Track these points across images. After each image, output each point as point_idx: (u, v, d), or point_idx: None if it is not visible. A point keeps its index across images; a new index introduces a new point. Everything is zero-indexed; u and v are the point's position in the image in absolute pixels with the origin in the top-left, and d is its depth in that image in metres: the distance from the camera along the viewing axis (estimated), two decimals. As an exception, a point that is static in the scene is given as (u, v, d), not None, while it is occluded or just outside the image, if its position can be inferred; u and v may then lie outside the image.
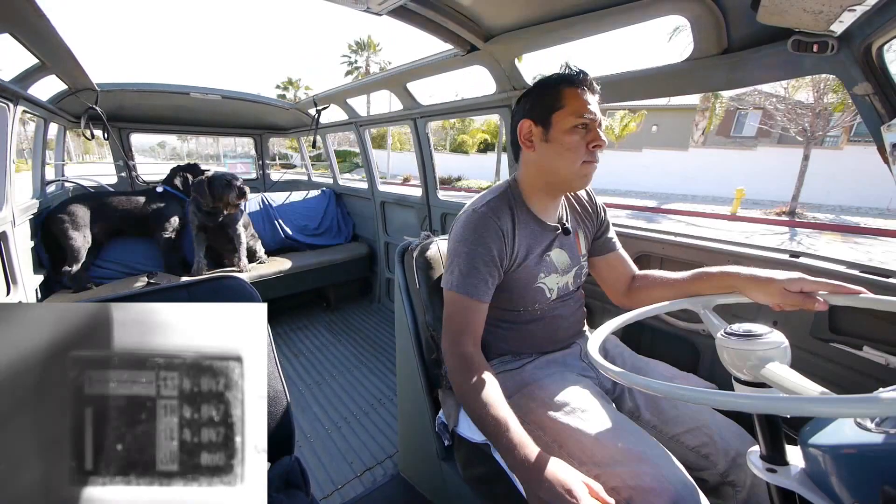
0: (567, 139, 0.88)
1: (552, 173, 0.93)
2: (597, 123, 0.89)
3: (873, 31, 0.79)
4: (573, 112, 0.87)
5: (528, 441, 0.71)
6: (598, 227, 1.12)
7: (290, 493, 0.79)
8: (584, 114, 0.87)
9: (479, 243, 0.90)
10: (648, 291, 1.01)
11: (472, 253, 0.90)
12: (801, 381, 0.53)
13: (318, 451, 1.71)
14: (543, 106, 0.91)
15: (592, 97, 0.90)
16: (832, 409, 0.43)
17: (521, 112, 0.96)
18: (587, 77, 0.90)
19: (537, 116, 0.92)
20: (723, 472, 0.84)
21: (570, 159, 0.89)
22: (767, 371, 0.57)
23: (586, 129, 0.88)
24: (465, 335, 0.88)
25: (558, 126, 0.89)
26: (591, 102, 0.89)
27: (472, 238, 0.90)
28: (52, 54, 1.62)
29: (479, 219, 0.92)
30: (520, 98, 0.98)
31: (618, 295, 1.09)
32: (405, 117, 2.45)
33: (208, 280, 0.88)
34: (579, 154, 0.88)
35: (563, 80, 0.90)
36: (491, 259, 0.90)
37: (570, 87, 0.89)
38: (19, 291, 1.71)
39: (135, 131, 3.35)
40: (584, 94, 0.88)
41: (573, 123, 0.87)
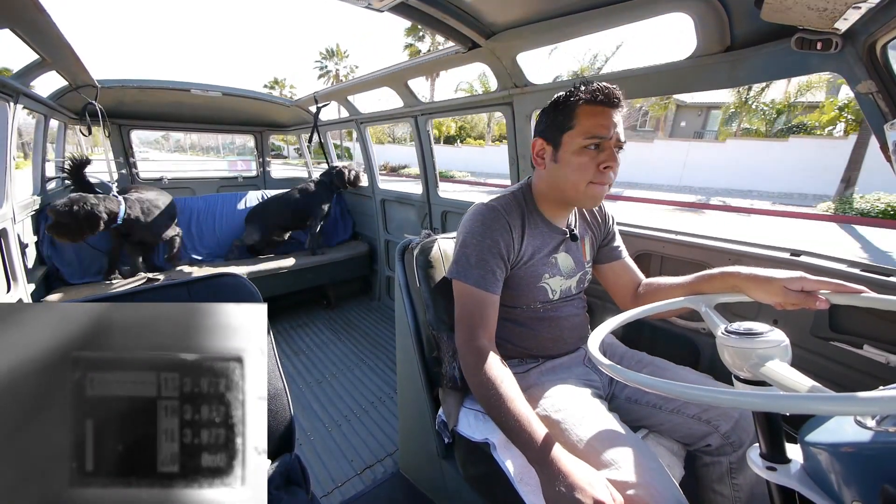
0: (575, 160, 0.87)
1: (561, 191, 0.94)
2: (612, 142, 0.86)
3: (878, 28, 0.78)
4: (584, 133, 0.86)
5: (549, 436, 0.72)
6: (605, 235, 1.12)
7: (291, 490, 0.79)
8: (597, 133, 0.85)
9: (488, 235, 0.90)
10: (654, 296, 1.00)
11: (480, 244, 0.90)
12: (799, 378, 0.53)
13: (319, 448, 1.71)
14: (555, 125, 0.90)
15: (613, 112, 0.86)
16: (832, 406, 0.43)
17: (536, 129, 0.97)
18: (606, 92, 0.85)
19: (549, 135, 0.92)
20: (725, 432, 0.88)
21: (576, 181, 0.89)
22: (766, 369, 0.57)
23: (598, 148, 0.86)
24: (480, 328, 0.88)
25: (567, 146, 0.88)
26: (610, 119, 0.85)
27: (480, 230, 0.91)
28: (53, 50, 1.61)
29: (488, 211, 0.93)
30: (540, 113, 0.97)
31: (626, 301, 1.09)
32: (406, 115, 2.44)
33: (208, 278, 0.88)
34: (587, 175, 0.87)
35: (579, 97, 0.87)
36: (498, 251, 0.91)
37: (585, 106, 0.86)
38: (19, 289, 1.71)
39: (135, 128, 3.34)
40: (602, 111, 0.85)
41: (582, 144, 0.86)
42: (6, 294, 1.64)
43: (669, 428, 0.97)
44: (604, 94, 0.85)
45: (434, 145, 2.50)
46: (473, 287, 0.89)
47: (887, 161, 0.85)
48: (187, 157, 28.43)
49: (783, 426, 0.61)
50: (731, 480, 0.90)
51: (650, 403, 0.98)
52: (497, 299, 0.91)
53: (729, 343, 0.61)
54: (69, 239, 1.98)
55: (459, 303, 0.92)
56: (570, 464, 0.68)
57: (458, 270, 0.91)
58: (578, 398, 0.90)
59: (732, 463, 0.89)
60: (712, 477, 0.93)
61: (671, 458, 0.94)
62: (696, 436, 0.93)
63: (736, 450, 0.89)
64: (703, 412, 0.91)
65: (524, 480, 0.83)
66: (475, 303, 0.89)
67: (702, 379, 0.96)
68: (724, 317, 0.73)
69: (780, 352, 0.58)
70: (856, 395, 0.41)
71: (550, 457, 0.68)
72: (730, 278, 0.83)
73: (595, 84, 0.87)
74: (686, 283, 0.93)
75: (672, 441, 0.98)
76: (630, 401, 1.02)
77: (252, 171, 4.32)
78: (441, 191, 2.55)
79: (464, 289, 0.90)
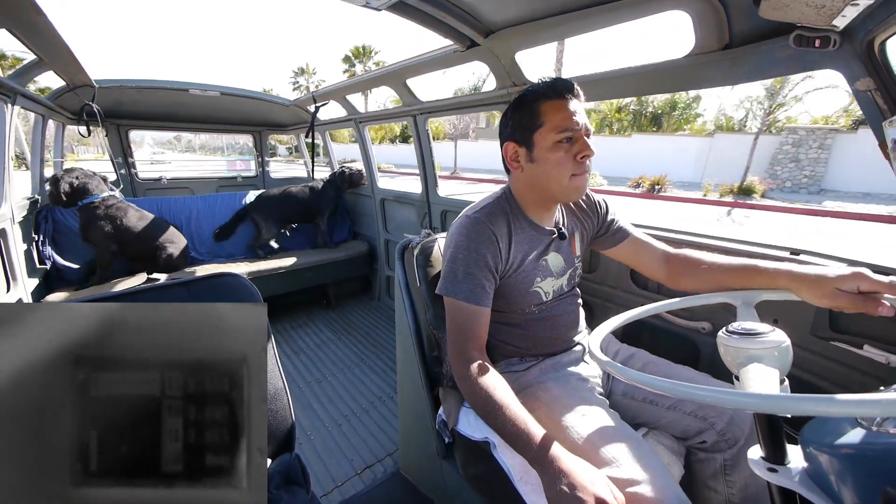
0: (552, 156, 0.87)
1: (543, 190, 0.93)
2: (582, 132, 0.86)
3: (876, 25, 0.78)
4: (554, 128, 0.85)
5: (547, 436, 0.72)
6: (602, 222, 1.11)
7: (291, 489, 0.79)
8: (567, 126, 0.85)
9: (473, 249, 0.90)
10: (694, 276, 0.96)
11: (467, 259, 0.90)
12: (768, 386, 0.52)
13: (319, 448, 1.71)
14: (523, 126, 0.89)
15: (576, 103, 0.87)
16: (833, 408, 0.43)
17: (503, 134, 0.95)
18: (566, 85, 0.87)
19: (519, 137, 0.91)
20: (720, 430, 0.89)
21: (557, 176, 0.88)
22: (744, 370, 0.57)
23: (571, 141, 0.86)
24: (469, 342, 0.88)
25: (541, 144, 0.87)
26: (574, 110, 0.86)
27: (465, 244, 0.90)
28: (50, 50, 1.61)
29: (472, 224, 0.91)
30: (501, 119, 0.96)
31: (658, 276, 1.06)
32: (405, 114, 2.44)
33: (208, 277, 0.88)
34: (567, 168, 0.87)
35: (538, 95, 0.87)
36: (485, 264, 0.90)
37: (547, 102, 0.86)
38: (18, 288, 1.71)
39: (133, 128, 3.33)
40: (564, 103, 0.86)
41: (555, 139, 0.86)
42: (6, 294, 1.64)
43: (665, 424, 0.97)
44: (562, 86, 0.86)
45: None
46: (463, 302, 0.89)
47: (886, 158, 0.85)
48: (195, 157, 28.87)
49: (784, 428, 0.61)
50: (725, 477, 0.90)
51: (646, 400, 0.99)
52: (487, 311, 0.91)
53: (729, 343, 0.61)
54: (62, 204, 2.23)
55: (450, 317, 0.91)
56: (571, 462, 0.68)
57: (447, 286, 0.91)
58: (579, 396, 0.90)
59: (727, 460, 0.90)
60: (707, 473, 0.93)
61: (670, 456, 0.94)
62: (692, 432, 0.93)
63: (731, 447, 0.89)
64: (699, 409, 0.91)
65: (525, 479, 0.83)
66: (465, 317, 0.89)
67: (701, 378, 0.96)
68: (724, 317, 0.73)
69: (781, 352, 0.58)
70: (857, 397, 0.41)
71: (550, 457, 0.68)
72: (779, 277, 0.80)
73: (550, 79, 0.88)
74: (731, 268, 0.88)
75: (672, 439, 0.98)
76: (627, 397, 1.03)
77: (251, 171, 4.32)
78: (438, 190, 2.55)
79: (453, 304, 0.90)
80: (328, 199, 3.16)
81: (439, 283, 0.94)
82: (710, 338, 1.28)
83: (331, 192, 3.17)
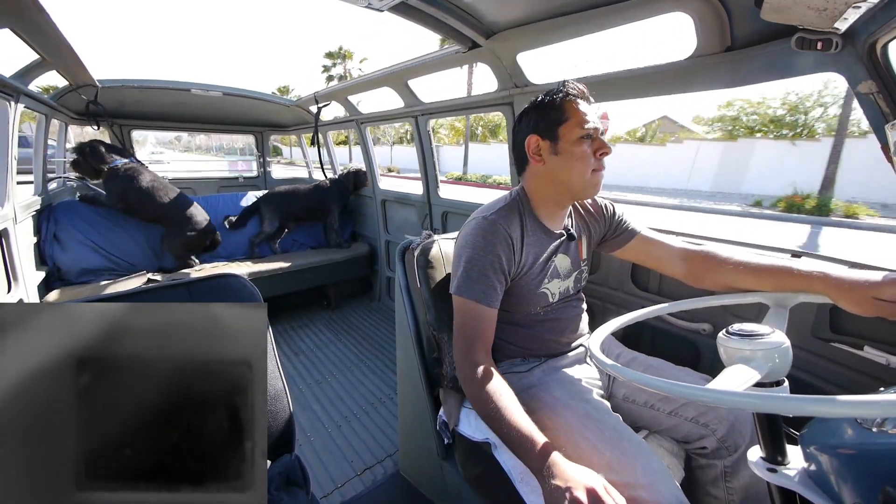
0: (576, 149, 0.90)
1: (563, 184, 0.94)
2: (599, 132, 0.91)
3: (878, 28, 0.78)
4: (578, 123, 0.90)
5: (548, 444, 0.72)
6: (609, 224, 1.11)
7: (291, 491, 0.79)
8: (587, 124, 0.90)
9: (489, 250, 0.90)
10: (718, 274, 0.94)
11: (481, 259, 0.90)
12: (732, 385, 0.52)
13: (319, 449, 1.71)
14: (548, 120, 0.92)
15: (590, 108, 0.93)
16: (833, 409, 0.43)
17: (525, 129, 0.97)
18: (583, 90, 0.94)
19: (543, 131, 0.93)
20: (721, 436, 0.89)
21: (580, 169, 0.91)
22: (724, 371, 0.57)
23: (591, 138, 0.91)
24: (477, 344, 0.88)
25: (566, 138, 0.91)
26: (590, 113, 0.92)
27: (481, 244, 0.91)
28: (53, 50, 1.61)
29: (489, 225, 0.92)
30: (520, 116, 0.99)
31: (677, 272, 1.04)
32: (407, 115, 2.44)
33: (208, 278, 0.88)
34: (589, 163, 0.91)
35: (563, 94, 0.92)
36: (500, 266, 0.91)
37: (572, 99, 0.92)
38: (20, 288, 1.71)
39: (136, 128, 3.34)
40: (583, 106, 0.92)
41: (580, 134, 0.89)
42: (7, 294, 1.65)
43: (666, 429, 0.97)
44: (583, 89, 0.94)
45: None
46: (474, 302, 0.89)
47: (888, 161, 0.85)
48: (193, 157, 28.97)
49: (784, 428, 0.61)
50: (725, 484, 0.90)
51: (647, 405, 0.98)
52: (495, 313, 0.92)
53: (729, 344, 0.61)
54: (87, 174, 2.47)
55: (458, 317, 0.92)
56: (571, 469, 0.67)
57: (460, 286, 0.91)
58: (580, 397, 0.90)
59: (727, 466, 0.89)
60: (706, 479, 0.93)
61: (671, 459, 0.94)
62: (692, 438, 0.93)
63: (731, 454, 0.89)
64: (700, 415, 0.91)
65: (525, 480, 0.83)
66: (474, 318, 0.89)
67: (701, 380, 0.96)
68: (724, 317, 0.73)
69: (782, 353, 0.58)
70: (857, 398, 0.41)
71: (550, 463, 0.68)
72: (814, 281, 0.78)
73: (572, 83, 0.94)
74: (759, 267, 0.86)
75: (672, 443, 0.98)
76: (627, 401, 1.02)
77: (252, 172, 4.32)
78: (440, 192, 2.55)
79: (464, 304, 0.91)
80: (337, 199, 3.19)
81: (451, 283, 0.95)
82: (711, 339, 1.27)
83: (339, 191, 3.21)
